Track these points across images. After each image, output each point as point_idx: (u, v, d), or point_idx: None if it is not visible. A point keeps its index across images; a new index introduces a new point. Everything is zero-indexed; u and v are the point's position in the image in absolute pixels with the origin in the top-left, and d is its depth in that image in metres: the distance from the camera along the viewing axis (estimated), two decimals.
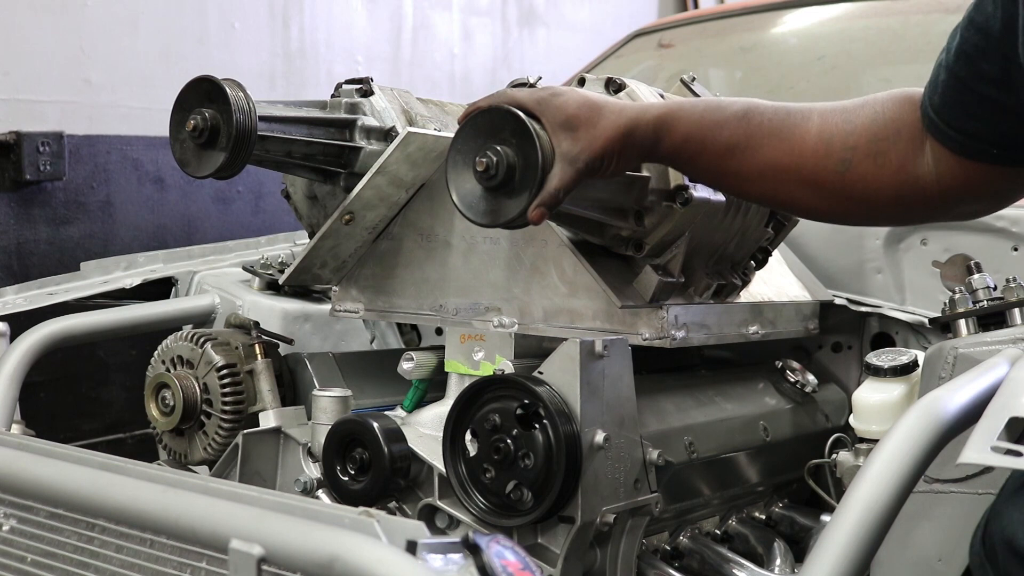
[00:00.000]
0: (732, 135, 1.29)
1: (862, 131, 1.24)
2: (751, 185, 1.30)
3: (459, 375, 1.61)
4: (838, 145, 1.24)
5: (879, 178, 1.22)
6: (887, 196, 1.23)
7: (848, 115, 1.26)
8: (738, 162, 1.29)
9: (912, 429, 1.04)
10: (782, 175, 1.27)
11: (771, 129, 1.28)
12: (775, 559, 1.68)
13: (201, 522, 1.01)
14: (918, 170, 1.22)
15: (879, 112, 1.25)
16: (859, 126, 1.24)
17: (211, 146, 1.49)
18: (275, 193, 2.21)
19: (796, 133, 1.26)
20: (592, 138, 1.26)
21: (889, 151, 1.22)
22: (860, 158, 1.23)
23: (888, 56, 2.56)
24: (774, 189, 1.29)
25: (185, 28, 3.19)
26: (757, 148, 1.28)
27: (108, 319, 1.96)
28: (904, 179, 1.22)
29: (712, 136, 1.29)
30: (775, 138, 1.28)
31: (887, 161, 1.22)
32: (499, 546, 0.92)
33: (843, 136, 1.24)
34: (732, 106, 1.31)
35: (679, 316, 1.54)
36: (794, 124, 1.27)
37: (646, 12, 4.98)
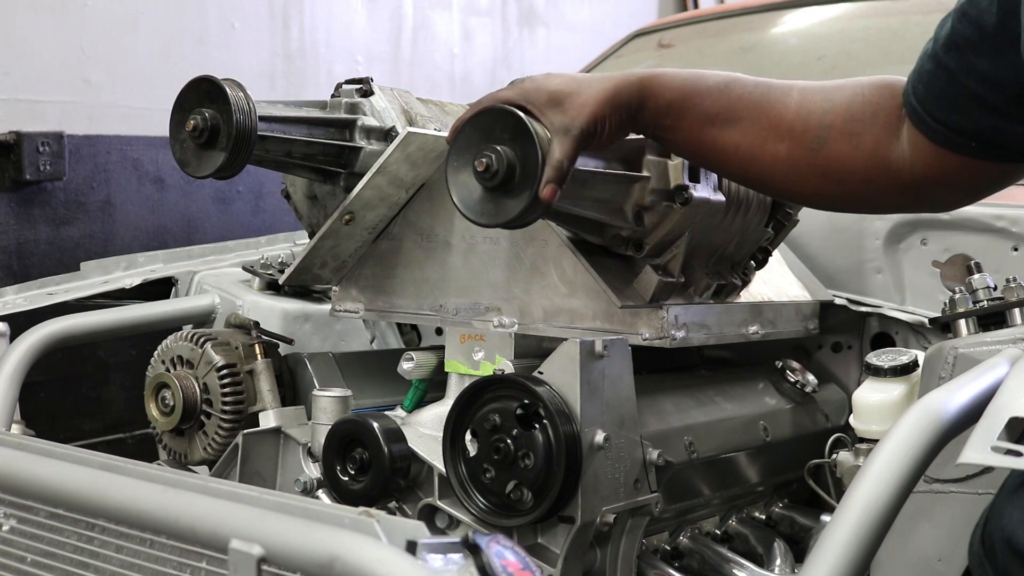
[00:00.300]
0: (713, 105, 1.30)
1: (840, 110, 1.25)
2: (727, 157, 1.31)
3: (459, 375, 1.61)
4: (815, 122, 1.25)
5: (852, 158, 1.23)
6: (859, 177, 1.24)
7: (827, 94, 1.27)
8: (716, 132, 1.30)
9: (912, 429, 1.04)
10: (757, 149, 1.28)
11: (751, 102, 1.29)
12: (775, 559, 1.68)
13: (201, 522, 1.01)
14: (892, 155, 1.23)
15: (858, 94, 1.27)
16: (837, 104, 1.26)
17: (211, 146, 1.49)
18: (275, 193, 2.21)
19: (775, 108, 1.28)
20: (581, 105, 1.27)
21: (864, 133, 1.23)
22: (835, 136, 1.24)
23: (888, 56, 2.56)
24: (749, 162, 1.29)
25: (185, 28, 3.19)
26: (736, 120, 1.29)
27: (108, 319, 1.96)
28: (877, 162, 1.23)
29: (693, 104, 1.30)
30: (754, 111, 1.29)
31: (862, 142, 1.23)
32: (499, 546, 0.92)
33: (820, 114, 1.26)
34: (715, 77, 1.32)
35: (679, 316, 1.54)
36: (774, 99, 1.29)
37: (646, 12, 4.98)
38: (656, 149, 1.48)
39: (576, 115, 1.27)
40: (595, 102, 1.27)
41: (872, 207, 1.37)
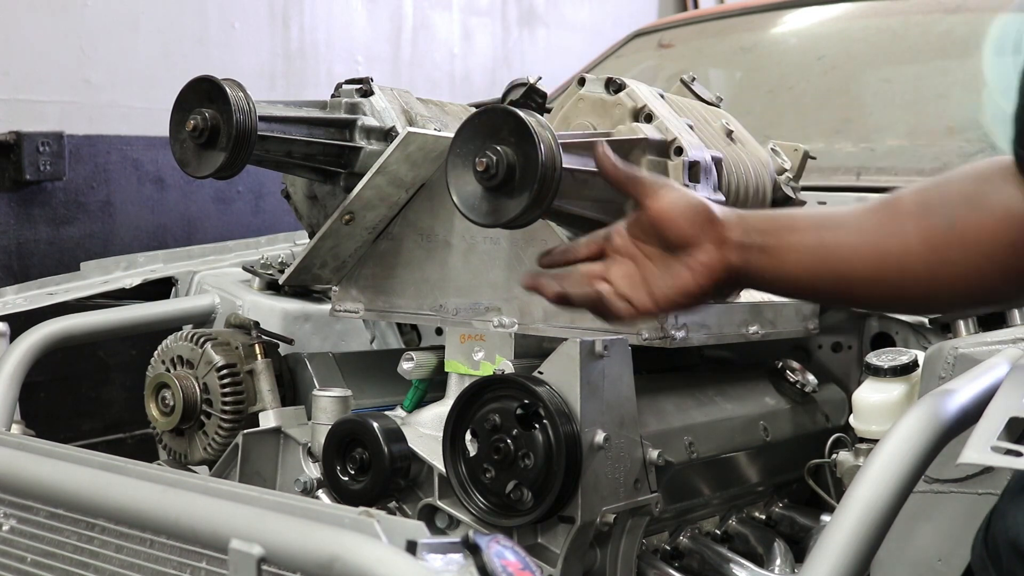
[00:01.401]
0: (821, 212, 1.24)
1: (955, 186, 1.18)
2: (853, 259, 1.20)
3: (459, 375, 1.61)
4: (936, 203, 1.17)
5: (987, 225, 1.13)
6: (1002, 242, 1.13)
7: (935, 181, 1.20)
8: (832, 234, 1.21)
9: (912, 429, 1.04)
10: (885, 239, 1.18)
11: (858, 207, 1.23)
12: (775, 559, 1.68)
13: (201, 522, 1.01)
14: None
15: (962, 171, 1.19)
16: (950, 184, 1.18)
17: (211, 146, 1.49)
18: (275, 193, 2.21)
19: (888, 204, 1.20)
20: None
21: (989, 199, 1.14)
22: (963, 211, 1.15)
23: (888, 56, 2.56)
24: (880, 259, 1.18)
25: (185, 28, 3.19)
26: (851, 219, 1.21)
27: (108, 319, 1.96)
28: (1014, 222, 1.12)
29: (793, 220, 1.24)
30: (867, 211, 1.21)
31: (991, 206, 1.14)
32: (499, 546, 0.92)
33: (937, 196, 1.18)
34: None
35: (679, 316, 1.54)
36: (881, 199, 1.21)
37: (646, 12, 4.98)
38: (656, 149, 1.48)
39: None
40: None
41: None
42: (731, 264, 1.22)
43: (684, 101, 1.68)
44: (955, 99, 2.34)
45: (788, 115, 2.55)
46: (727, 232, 1.22)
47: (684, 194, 1.24)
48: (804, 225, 1.23)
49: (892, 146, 2.33)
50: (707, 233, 1.22)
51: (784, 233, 1.23)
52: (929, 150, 2.24)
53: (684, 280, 1.22)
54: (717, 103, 1.79)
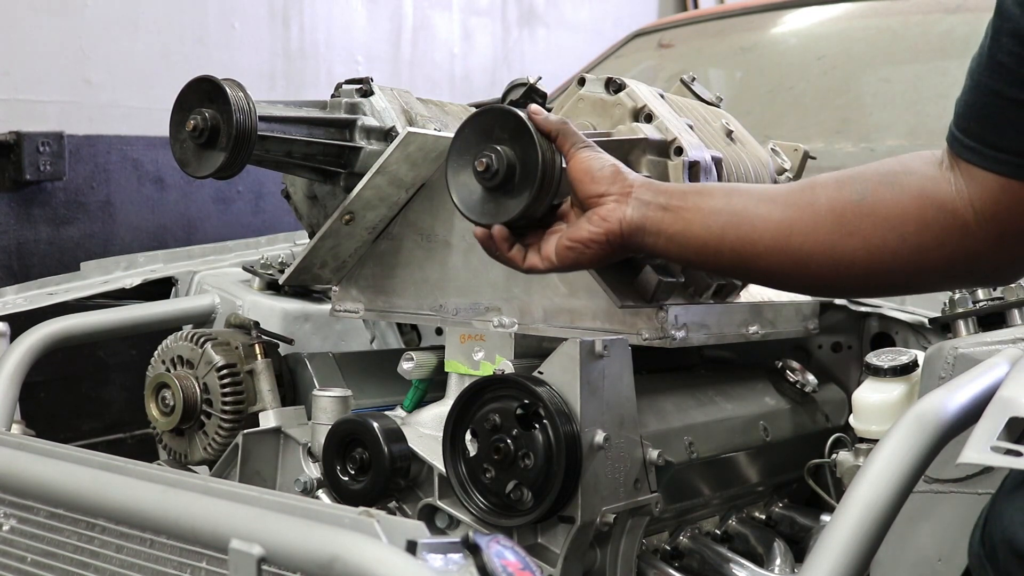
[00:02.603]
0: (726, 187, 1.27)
1: (872, 169, 1.20)
2: (760, 226, 1.21)
3: (459, 375, 1.61)
4: (849, 178, 1.19)
5: (899, 201, 1.16)
6: (913, 219, 1.15)
7: (855, 168, 1.22)
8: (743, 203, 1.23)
9: (912, 429, 1.04)
10: (796, 213, 1.20)
11: (773, 188, 1.25)
12: (775, 559, 1.68)
13: (201, 522, 1.01)
14: (943, 194, 1.15)
15: (885, 160, 1.21)
16: (868, 167, 1.20)
17: (211, 146, 1.49)
18: (275, 193, 2.22)
19: (803, 182, 1.22)
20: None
21: (905, 179, 1.16)
22: (875, 185, 1.17)
23: (888, 56, 2.56)
24: (788, 231, 1.20)
25: (185, 28, 3.19)
26: (764, 194, 1.23)
27: (108, 319, 1.96)
28: (928, 202, 1.14)
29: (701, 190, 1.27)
30: (782, 189, 1.23)
31: (905, 186, 1.16)
32: (499, 546, 0.92)
33: (852, 174, 1.20)
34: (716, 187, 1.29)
35: (679, 316, 1.54)
36: (798, 181, 1.25)
37: (646, 12, 4.99)
38: (656, 149, 1.48)
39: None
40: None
41: (943, 261, 1.18)
42: (626, 218, 1.25)
43: (684, 101, 1.68)
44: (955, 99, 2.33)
45: (788, 115, 2.55)
46: (632, 189, 1.26)
47: (598, 155, 1.28)
48: (715, 191, 1.26)
49: (892, 146, 2.33)
50: (611, 189, 1.26)
51: (692, 196, 1.25)
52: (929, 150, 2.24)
53: (580, 231, 1.27)
54: (717, 103, 1.79)
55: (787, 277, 1.26)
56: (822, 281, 1.25)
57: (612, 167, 1.27)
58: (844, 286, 1.28)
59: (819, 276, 1.23)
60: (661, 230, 1.25)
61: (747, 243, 1.22)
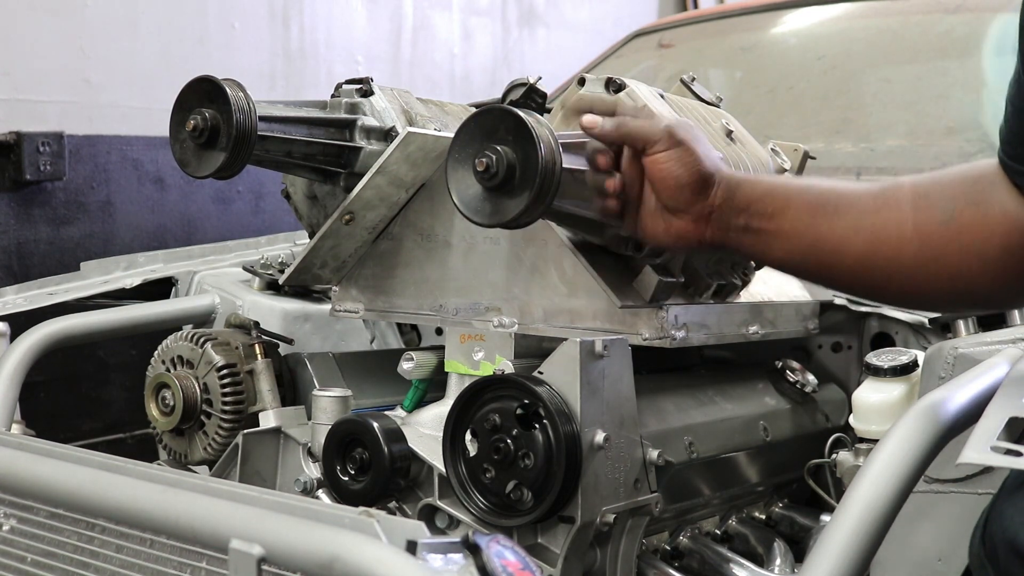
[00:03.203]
0: (817, 194, 1.22)
1: (958, 181, 1.16)
2: (845, 247, 1.19)
3: (459, 375, 1.61)
4: (936, 195, 1.16)
5: (986, 225, 1.12)
6: (997, 245, 1.12)
7: (936, 174, 1.19)
8: (828, 221, 1.19)
9: (912, 429, 1.04)
10: (881, 231, 1.17)
11: (858, 188, 1.21)
12: (775, 559, 1.68)
13: (201, 522, 1.01)
14: (1022, 216, 1.12)
15: (963, 168, 1.18)
16: (953, 176, 1.17)
17: (211, 146, 1.49)
18: (275, 193, 2.21)
19: (887, 189, 1.19)
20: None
21: (990, 196, 1.13)
22: (962, 206, 1.14)
23: (888, 56, 2.56)
24: (873, 249, 1.17)
25: (185, 28, 3.19)
26: (849, 205, 1.19)
27: (108, 319, 1.96)
28: (1011, 226, 1.11)
29: (794, 193, 1.23)
30: (867, 195, 1.19)
31: (990, 207, 1.13)
32: (499, 546, 0.92)
33: (940, 187, 1.16)
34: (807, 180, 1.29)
35: (679, 316, 1.54)
36: (882, 184, 1.20)
37: (646, 12, 4.98)
38: None
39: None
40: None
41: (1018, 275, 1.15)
42: (706, 239, 1.26)
43: (684, 101, 1.68)
44: (955, 99, 2.34)
45: (788, 115, 2.55)
46: (709, 210, 1.25)
47: (677, 157, 1.26)
48: (799, 206, 1.23)
49: (892, 146, 2.33)
50: (692, 206, 1.26)
51: (776, 218, 1.23)
52: (929, 150, 2.24)
53: (658, 233, 1.30)
54: (717, 103, 1.79)
55: (869, 293, 1.32)
56: (902, 299, 1.29)
57: (694, 182, 1.25)
58: (925, 304, 1.35)
59: (899, 295, 1.25)
60: (741, 249, 1.27)
61: (827, 268, 1.23)
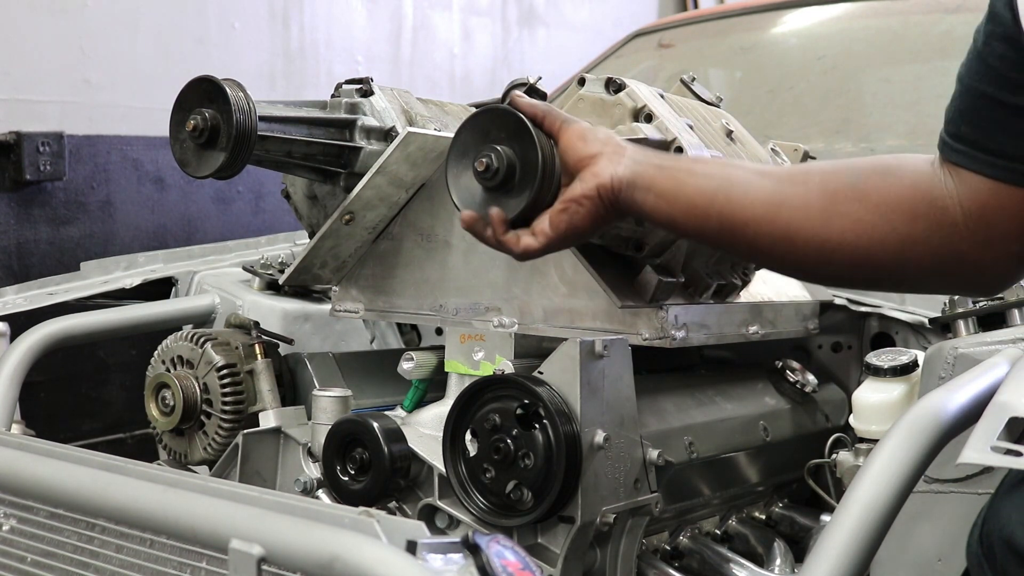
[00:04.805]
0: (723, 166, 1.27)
1: (867, 160, 1.21)
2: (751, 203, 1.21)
3: (459, 375, 1.61)
4: (844, 166, 1.21)
5: (892, 190, 1.16)
6: (904, 209, 1.15)
7: (851, 159, 1.23)
8: (736, 169, 1.24)
9: (912, 429, 1.04)
10: (784, 192, 1.19)
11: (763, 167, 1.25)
12: (775, 559, 1.68)
13: (201, 522, 1.01)
14: (935, 190, 1.15)
15: (881, 155, 1.22)
16: (864, 159, 1.22)
17: (211, 146, 1.49)
18: (275, 193, 2.22)
19: (798, 165, 1.25)
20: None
21: (898, 171, 1.17)
22: (868, 174, 1.18)
23: (888, 56, 2.56)
24: (777, 208, 1.19)
25: (185, 28, 3.19)
26: (756, 173, 1.23)
27: (108, 319, 1.96)
28: (919, 194, 1.15)
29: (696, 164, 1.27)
30: (772, 169, 1.24)
31: (899, 176, 1.17)
32: (499, 546, 0.92)
33: (848, 162, 1.22)
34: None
35: (679, 316, 1.54)
36: (795, 165, 1.26)
37: (646, 12, 4.98)
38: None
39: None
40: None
41: (929, 256, 1.17)
42: (619, 173, 1.23)
43: (684, 101, 1.68)
44: None
45: (788, 115, 2.55)
46: (625, 147, 1.25)
47: (589, 126, 1.28)
48: (710, 160, 1.27)
49: (892, 146, 2.33)
50: (604, 149, 1.25)
51: (686, 160, 1.27)
52: (929, 150, 2.23)
53: (571, 191, 1.26)
54: (717, 103, 1.79)
55: (772, 251, 1.23)
56: (807, 261, 1.23)
57: (605, 132, 1.29)
58: (828, 271, 1.25)
59: (805, 255, 1.21)
60: (652, 186, 1.23)
61: (736, 209, 1.21)
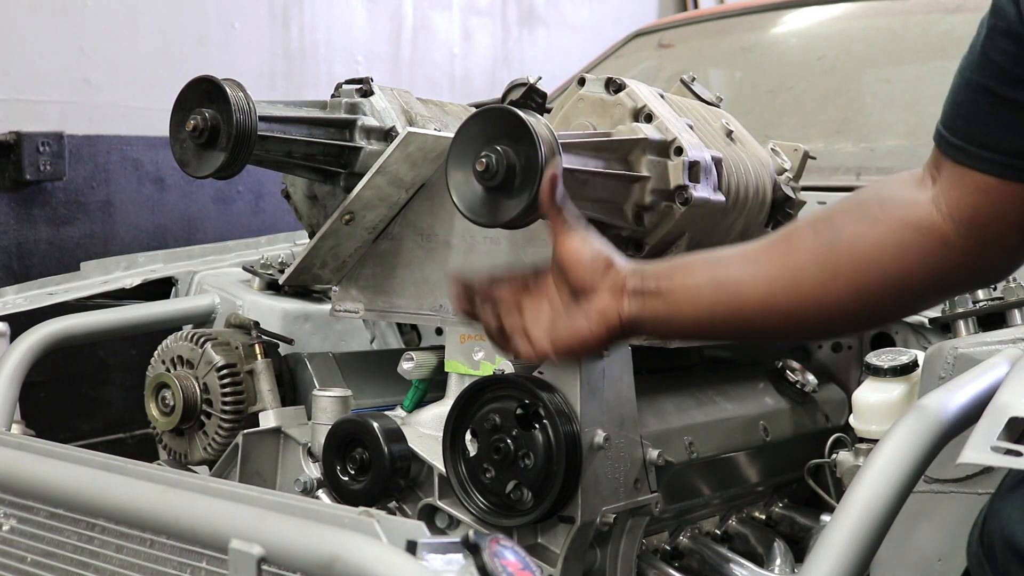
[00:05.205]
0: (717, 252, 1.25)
1: (846, 207, 1.18)
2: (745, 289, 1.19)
3: (459, 375, 1.61)
4: (824, 220, 1.18)
5: (874, 233, 1.14)
6: (890, 248, 1.13)
7: (824, 209, 1.21)
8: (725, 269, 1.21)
9: (912, 429, 1.04)
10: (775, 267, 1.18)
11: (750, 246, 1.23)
12: (775, 559, 1.68)
13: (201, 522, 1.01)
14: (919, 213, 1.13)
15: (860, 193, 1.20)
16: (841, 204, 1.19)
17: (211, 146, 1.49)
18: (275, 193, 2.21)
19: (777, 233, 1.22)
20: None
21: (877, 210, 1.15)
22: (848, 225, 1.15)
23: (888, 56, 2.56)
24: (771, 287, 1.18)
25: (185, 28, 3.19)
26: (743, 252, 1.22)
27: (108, 319, 1.96)
28: (902, 226, 1.13)
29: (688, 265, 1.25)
30: (759, 242, 1.22)
31: (878, 218, 1.14)
32: (499, 546, 0.92)
33: (826, 216, 1.19)
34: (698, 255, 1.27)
35: None
36: (781, 230, 1.22)
37: (646, 12, 4.98)
38: (656, 149, 1.48)
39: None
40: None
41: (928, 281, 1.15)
42: (624, 312, 1.23)
43: (684, 101, 1.68)
44: None
45: (788, 115, 2.55)
46: (623, 281, 1.23)
47: (589, 241, 1.25)
48: (697, 265, 1.24)
49: (892, 146, 2.33)
50: (604, 280, 1.23)
51: (677, 275, 1.24)
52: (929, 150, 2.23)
53: (580, 327, 1.24)
54: (717, 103, 1.79)
55: (782, 331, 1.26)
56: (817, 329, 1.27)
57: (604, 258, 1.24)
58: (839, 330, 1.28)
59: (812, 326, 1.24)
60: (657, 317, 1.24)
61: (736, 312, 1.21)
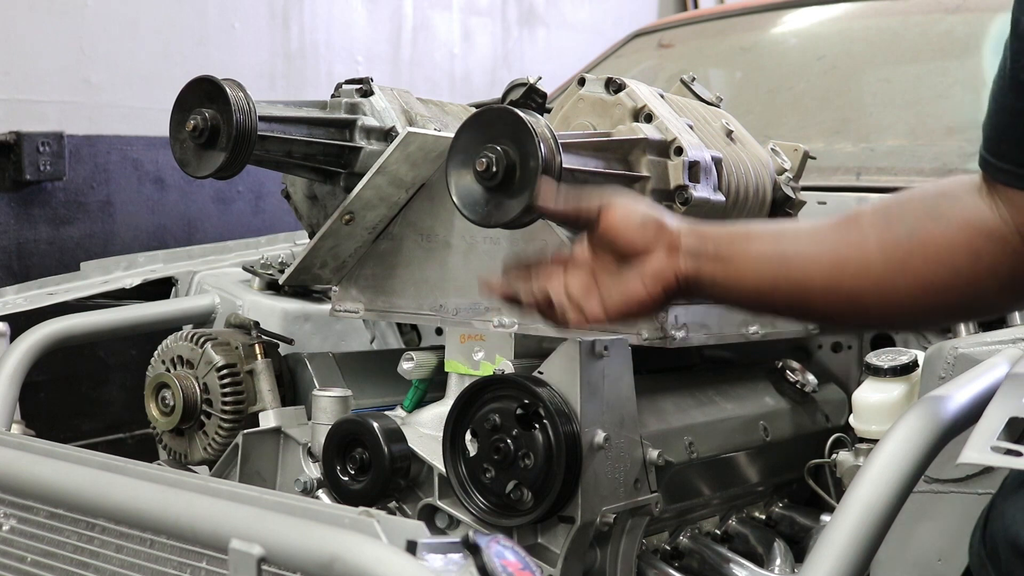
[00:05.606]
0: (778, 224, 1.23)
1: (917, 199, 1.17)
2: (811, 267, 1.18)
3: (459, 375, 1.61)
4: (896, 213, 1.16)
5: (947, 234, 1.13)
6: (963, 251, 1.12)
7: (894, 196, 1.19)
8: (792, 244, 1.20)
9: (912, 429, 1.04)
10: (843, 250, 1.17)
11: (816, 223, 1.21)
12: (775, 559, 1.68)
13: (201, 522, 1.01)
14: (989, 221, 1.12)
15: (923, 187, 1.19)
16: (911, 197, 1.18)
17: (211, 146, 1.49)
18: (275, 193, 2.21)
19: (846, 215, 1.19)
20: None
21: (949, 210, 1.14)
22: (921, 221, 1.14)
23: (888, 56, 2.56)
24: (837, 268, 1.17)
25: (185, 28, 3.19)
26: (809, 232, 1.20)
27: (108, 319, 1.96)
28: (975, 232, 1.12)
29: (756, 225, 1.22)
30: (825, 222, 1.20)
31: (951, 218, 1.13)
32: (499, 546, 0.92)
33: (897, 206, 1.17)
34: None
35: (679, 316, 1.54)
36: (847, 213, 1.20)
37: (646, 12, 4.98)
38: (656, 149, 1.48)
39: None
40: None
41: (997, 288, 1.15)
42: (681, 271, 1.21)
43: (684, 101, 1.68)
44: (955, 99, 2.33)
45: (788, 115, 2.55)
46: (679, 239, 1.22)
47: (635, 205, 1.24)
48: (762, 235, 1.22)
49: (892, 146, 2.33)
50: (658, 240, 1.21)
51: (740, 242, 1.22)
52: (929, 150, 2.24)
53: (635, 289, 1.22)
54: (717, 103, 1.79)
55: (842, 316, 1.24)
56: (878, 319, 1.25)
57: (655, 219, 1.23)
58: (901, 323, 1.27)
59: (874, 315, 1.22)
60: (716, 281, 1.22)
61: (799, 287, 1.20)
